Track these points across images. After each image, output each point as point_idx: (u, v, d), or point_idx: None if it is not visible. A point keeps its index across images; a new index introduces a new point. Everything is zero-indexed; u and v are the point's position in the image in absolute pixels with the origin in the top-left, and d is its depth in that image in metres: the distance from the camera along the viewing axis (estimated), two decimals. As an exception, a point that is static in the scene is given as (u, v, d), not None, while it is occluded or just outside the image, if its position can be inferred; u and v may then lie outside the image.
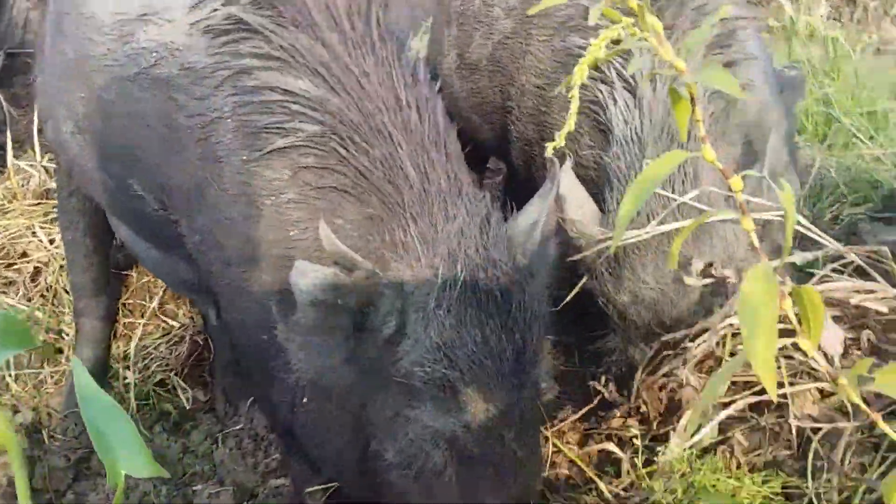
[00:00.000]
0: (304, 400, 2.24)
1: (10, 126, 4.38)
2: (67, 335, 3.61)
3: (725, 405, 2.25)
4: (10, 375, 3.46)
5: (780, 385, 2.15)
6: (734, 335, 2.30)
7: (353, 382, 2.11)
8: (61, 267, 3.75)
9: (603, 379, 2.65)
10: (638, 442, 2.38)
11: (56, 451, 3.17)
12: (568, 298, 2.64)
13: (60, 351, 3.60)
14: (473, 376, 1.99)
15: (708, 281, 2.41)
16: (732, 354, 2.30)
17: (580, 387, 2.95)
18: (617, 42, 1.15)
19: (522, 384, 2.06)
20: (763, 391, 2.16)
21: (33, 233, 3.95)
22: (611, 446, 2.47)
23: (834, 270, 2.45)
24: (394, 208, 2.10)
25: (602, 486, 2.38)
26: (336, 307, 1.95)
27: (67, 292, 3.68)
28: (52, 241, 3.87)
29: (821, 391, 2.23)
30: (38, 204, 4.09)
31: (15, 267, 3.88)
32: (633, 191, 1.15)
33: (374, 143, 2.13)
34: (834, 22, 6.54)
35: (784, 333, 1.16)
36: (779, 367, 2.21)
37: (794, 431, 2.19)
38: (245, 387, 3.23)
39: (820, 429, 2.15)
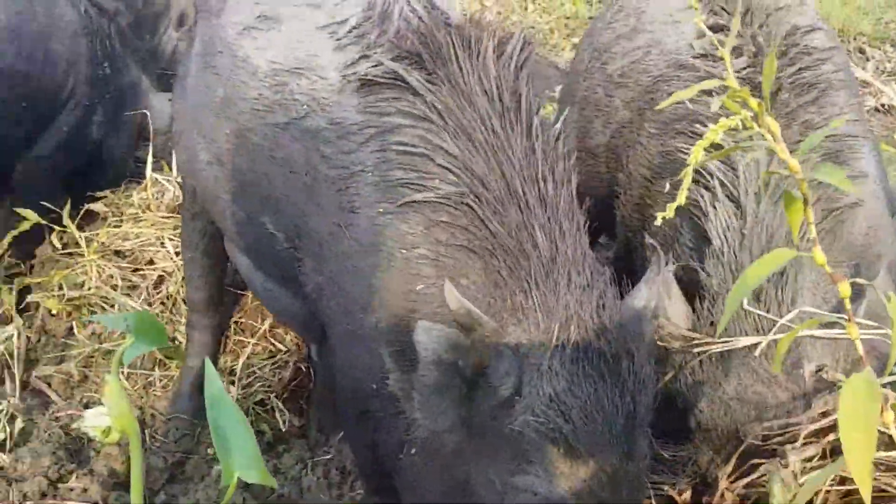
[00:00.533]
0: (413, 451, 2.29)
1: (152, 140, 4.65)
2: (180, 343, 3.81)
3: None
4: (122, 374, 3.67)
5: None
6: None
7: (461, 446, 2.13)
8: (183, 278, 3.96)
9: (679, 486, 2.61)
10: None
11: (156, 451, 3.35)
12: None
13: (171, 358, 3.79)
14: (586, 431, 1.99)
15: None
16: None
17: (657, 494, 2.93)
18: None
19: (631, 453, 2.05)
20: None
21: (162, 243, 4.19)
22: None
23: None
24: (518, 272, 2.14)
25: None
26: (455, 367, 2.00)
27: (185, 303, 3.89)
28: (177, 253, 4.09)
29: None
30: (170, 217, 4.33)
31: (141, 272, 4.12)
32: (736, 289, 1.21)
33: (509, 209, 2.19)
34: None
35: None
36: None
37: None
38: (339, 424, 3.29)
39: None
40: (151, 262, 4.14)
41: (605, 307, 2.11)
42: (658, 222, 1.46)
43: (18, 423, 3.25)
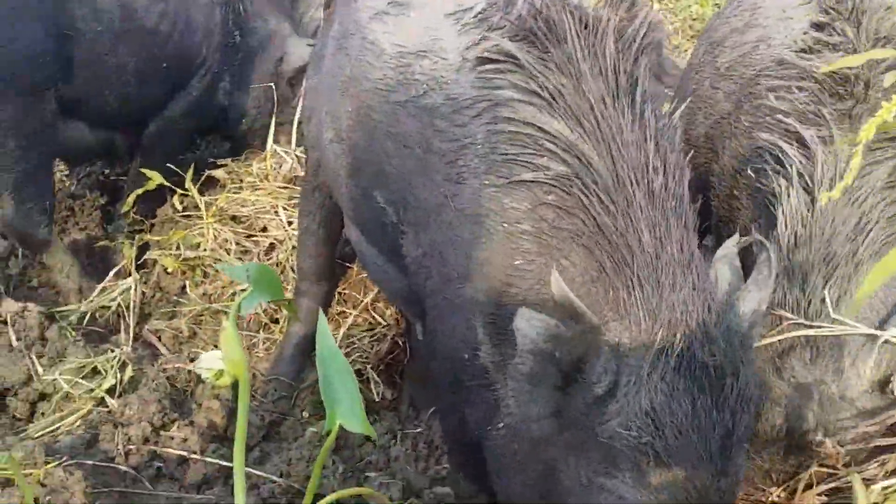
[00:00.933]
0: (501, 426, 2.28)
1: (276, 112, 4.79)
2: (292, 300, 3.90)
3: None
4: (229, 332, 3.79)
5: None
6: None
7: (552, 436, 2.10)
8: (293, 247, 4.08)
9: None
10: None
11: (254, 409, 3.46)
12: None
13: (276, 321, 3.91)
14: (678, 449, 1.94)
15: None
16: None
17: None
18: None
19: (725, 470, 1.99)
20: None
21: (276, 212, 4.33)
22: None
23: None
24: (622, 267, 2.09)
25: None
26: (553, 358, 1.97)
27: (293, 271, 3.99)
28: (290, 223, 4.22)
29: None
30: (286, 187, 4.47)
31: (254, 238, 4.27)
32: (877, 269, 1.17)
33: (616, 199, 2.14)
34: None
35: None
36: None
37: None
38: (431, 397, 3.36)
39: None
40: (265, 229, 4.27)
41: (712, 312, 2.04)
42: (823, 201, 1.41)
43: (128, 372, 3.39)
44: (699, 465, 1.95)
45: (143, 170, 4.35)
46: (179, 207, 4.43)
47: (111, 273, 4.05)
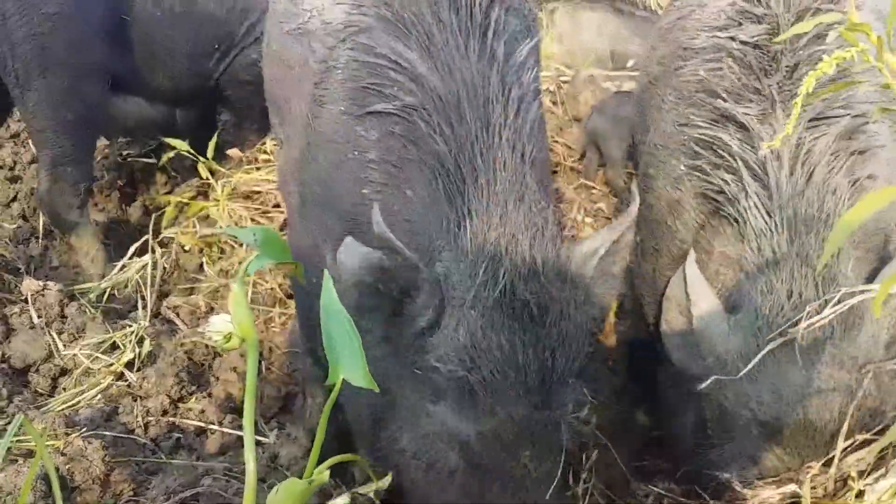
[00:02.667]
0: None
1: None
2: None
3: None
4: (245, 308, 3.83)
5: None
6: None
7: (384, 361, 2.10)
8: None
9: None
10: None
11: (271, 382, 3.50)
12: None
13: (291, 297, 3.95)
14: (495, 384, 1.97)
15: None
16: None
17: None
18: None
19: (546, 404, 2.02)
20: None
21: (290, 189, 4.36)
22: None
23: None
24: (455, 198, 2.10)
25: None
26: (377, 291, 1.98)
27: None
28: (304, 200, 4.25)
29: None
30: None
31: (269, 215, 4.31)
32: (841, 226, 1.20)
33: (455, 128, 2.15)
34: None
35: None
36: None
37: None
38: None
39: None
40: (278, 205, 4.30)
41: (542, 249, 2.06)
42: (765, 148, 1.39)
43: (146, 346, 3.45)
44: (517, 400, 1.98)
45: (166, 139, 4.43)
46: (204, 175, 4.44)
47: (131, 250, 4.10)
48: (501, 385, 1.98)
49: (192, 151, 4.34)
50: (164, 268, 4.11)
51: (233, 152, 4.63)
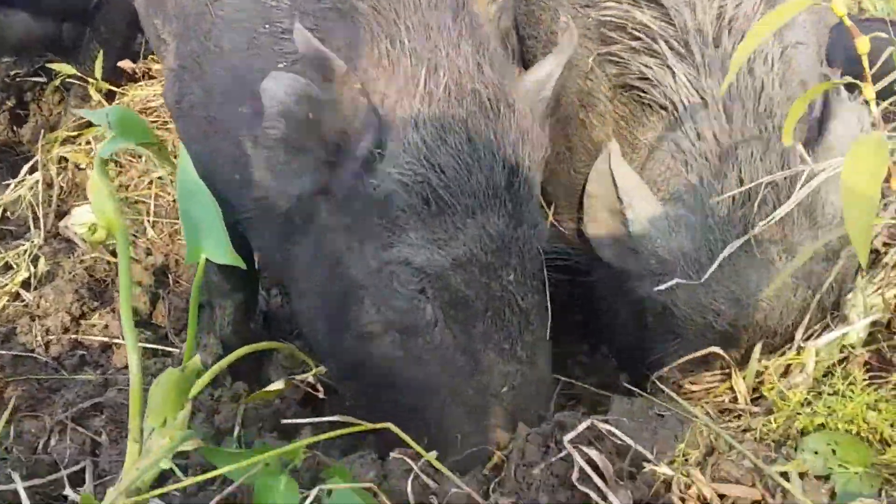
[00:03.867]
0: (292, 236, 2.12)
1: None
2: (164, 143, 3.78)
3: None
4: (148, 222, 3.73)
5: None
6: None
7: (328, 222, 1.97)
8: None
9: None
10: None
11: (179, 294, 3.42)
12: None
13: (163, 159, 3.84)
14: (460, 182, 1.81)
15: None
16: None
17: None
18: None
19: (519, 214, 1.87)
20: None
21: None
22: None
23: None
24: (387, 16, 1.94)
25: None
26: (308, 124, 1.83)
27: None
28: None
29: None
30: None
31: (168, 127, 4.17)
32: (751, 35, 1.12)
33: None
34: None
35: None
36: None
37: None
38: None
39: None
40: (176, 117, 4.16)
41: (487, 55, 1.94)
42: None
43: (42, 265, 3.32)
44: (486, 204, 1.83)
45: (49, 64, 4.21)
46: (96, 99, 4.27)
47: (23, 169, 3.93)
48: (468, 185, 1.81)
49: (79, 74, 4.13)
50: (61, 187, 3.95)
51: (124, 64, 4.43)
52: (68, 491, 1.97)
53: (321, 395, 1.99)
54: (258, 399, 2.13)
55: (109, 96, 4.31)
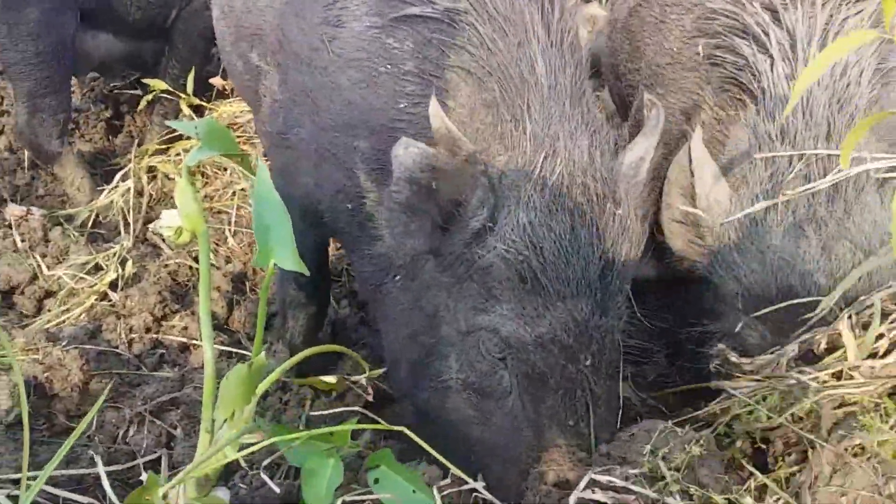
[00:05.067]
0: (393, 277, 2.25)
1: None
2: (249, 154, 3.95)
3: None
4: (229, 231, 3.89)
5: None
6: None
7: (433, 278, 2.09)
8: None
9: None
10: None
11: (255, 301, 3.55)
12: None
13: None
14: (556, 268, 1.91)
15: None
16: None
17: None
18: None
19: (606, 305, 1.96)
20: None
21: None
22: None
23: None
24: (513, 100, 2.05)
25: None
26: (430, 191, 1.94)
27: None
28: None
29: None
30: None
31: (252, 142, 4.34)
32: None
33: (513, 30, 2.10)
34: None
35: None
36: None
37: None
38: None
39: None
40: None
41: (599, 147, 2.03)
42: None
43: (130, 267, 3.49)
44: (577, 292, 1.93)
45: (144, 80, 4.40)
46: (186, 113, 4.44)
47: (117, 177, 4.14)
48: (564, 270, 1.92)
49: (170, 90, 4.33)
50: (151, 195, 4.14)
51: (215, 81, 4.62)
52: (144, 478, 2.09)
53: (369, 398, 2.09)
54: (309, 385, 2.26)
55: (198, 111, 4.51)
